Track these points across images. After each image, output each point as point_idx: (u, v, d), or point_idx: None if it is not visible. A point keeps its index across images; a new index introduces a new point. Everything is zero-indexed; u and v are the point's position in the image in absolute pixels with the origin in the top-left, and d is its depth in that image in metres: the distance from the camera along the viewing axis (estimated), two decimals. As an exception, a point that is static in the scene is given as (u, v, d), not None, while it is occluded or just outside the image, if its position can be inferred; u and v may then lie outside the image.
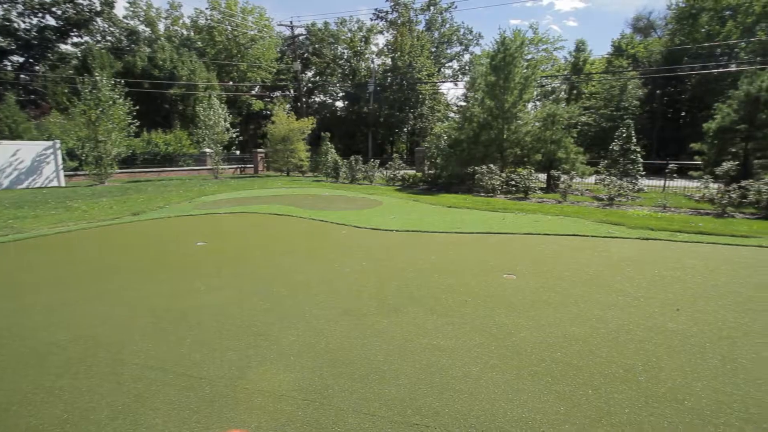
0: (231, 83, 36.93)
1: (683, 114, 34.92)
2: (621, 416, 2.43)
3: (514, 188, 13.77)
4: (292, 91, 39.48)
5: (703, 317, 3.84)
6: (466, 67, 39.55)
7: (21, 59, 36.14)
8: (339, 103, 42.36)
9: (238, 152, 32.77)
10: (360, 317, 3.85)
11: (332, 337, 3.46)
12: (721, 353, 3.17)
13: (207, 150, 24.23)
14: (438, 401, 2.58)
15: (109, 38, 38.58)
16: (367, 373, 2.90)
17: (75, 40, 37.94)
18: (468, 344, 3.32)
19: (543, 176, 15.47)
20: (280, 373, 2.92)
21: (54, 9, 35.28)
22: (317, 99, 42.69)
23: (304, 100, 36.65)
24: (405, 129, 39.96)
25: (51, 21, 36.04)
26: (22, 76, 35.42)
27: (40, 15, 35.34)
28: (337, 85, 39.89)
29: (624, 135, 14.69)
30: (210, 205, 11.59)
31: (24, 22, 34.68)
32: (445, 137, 16.09)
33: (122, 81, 19.90)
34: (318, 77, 40.03)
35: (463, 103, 17.40)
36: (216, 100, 23.59)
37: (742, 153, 13.43)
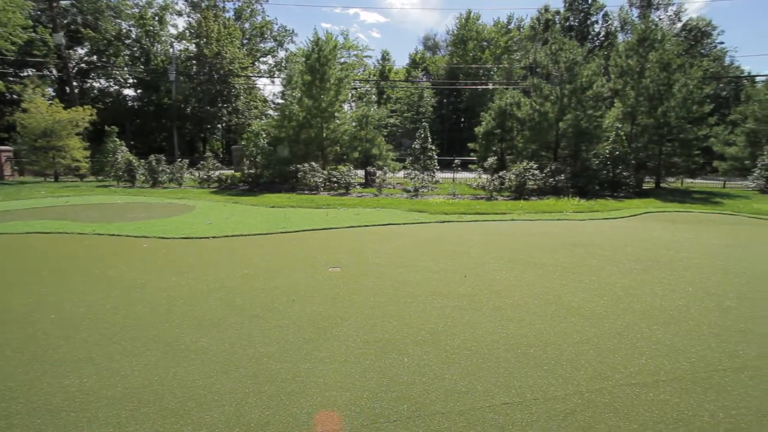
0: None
1: (463, 120, 43.69)
2: (430, 374, 2.84)
3: (336, 184, 14.44)
4: (54, 71, 30.34)
5: (482, 279, 4.89)
6: (282, 64, 38.91)
7: None
8: (129, 92, 34.97)
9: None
10: (172, 342, 3.31)
11: (134, 374, 2.85)
12: (491, 305, 4.09)
13: None
14: (268, 410, 2.46)
15: None
16: (182, 403, 2.51)
17: None
18: (297, 343, 3.28)
19: (361, 172, 16.76)
20: (52, 438, 2.22)
21: None
22: (96, 84, 34.13)
23: (75, 84, 28.58)
24: (219, 125, 36.53)
25: None
26: None
27: None
28: (125, 69, 32.88)
29: (423, 136, 17.29)
30: None
31: None
32: (264, 135, 15.51)
33: None
34: (96, 57, 32.02)
35: (282, 101, 17.10)
36: None
37: (500, 151, 17.76)
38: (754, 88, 21.24)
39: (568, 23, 40.70)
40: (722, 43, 37.74)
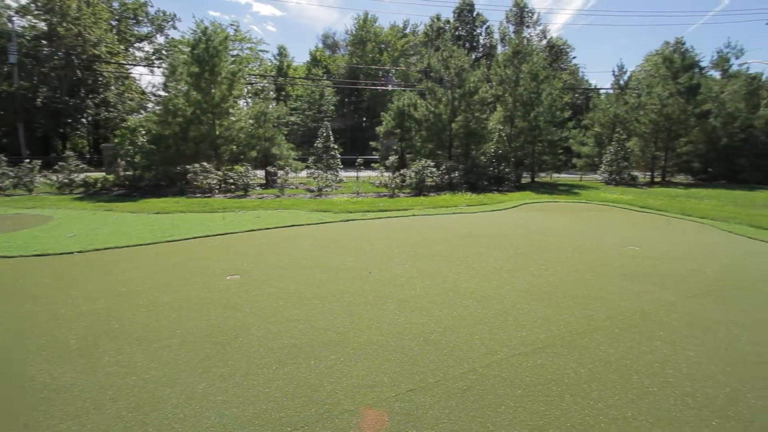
0: None
1: (365, 119, 44.50)
2: (337, 374, 2.82)
3: (233, 186, 13.46)
4: None
5: (386, 274, 5.03)
6: (163, 52, 34.62)
7: None
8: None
9: None
10: (24, 383, 2.70)
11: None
12: (396, 298, 4.24)
13: None
14: (154, 443, 2.17)
15: None
16: (37, 456, 2.07)
17: None
18: (190, 363, 2.96)
19: (261, 173, 15.93)
20: None
21: None
22: None
23: None
24: (84, 119, 31.02)
25: None
26: None
27: None
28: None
29: (324, 135, 17.13)
30: None
31: None
32: (144, 131, 13.67)
33: None
34: None
35: (165, 93, 15.29)
36: None
37: (400, 150, 18.54)
38: (599, 98, 25.86)
39: (457, 32, 44.33)
40: (575, 57, 45.16)
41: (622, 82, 24.27)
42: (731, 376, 2.86)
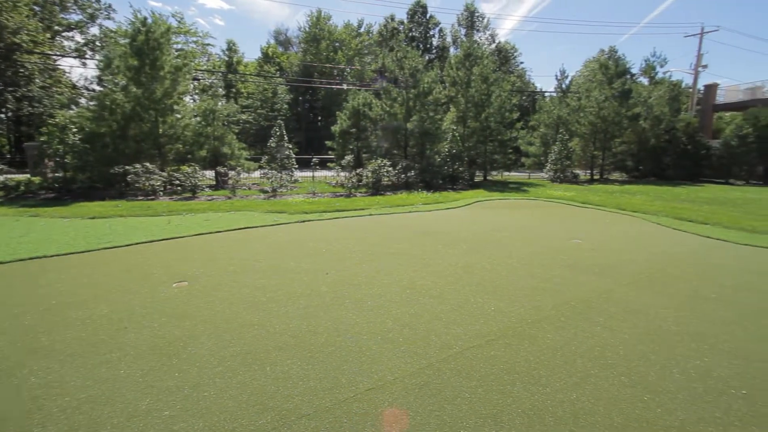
0: None
1: (320, 118, 43.87)
2: (294, 378, 2.75)
3: (179, 188, 12.73)
4: None
5: (344, 274, 4.99)
6: (97, 43, 31.85)
7: None
8: None
9: None
10: (-77, 413, 2.37)
11: None
12: (353, 298, 4.22)
13: None
14: (90, 468, 1.99)
15: None
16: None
17: None
18: (132, 378, 2.75)
19: (211, 173, 15.20)
20: None
21: None
22: None
23: None
24: (4, 116, 27.87)
25: None
26: None
27: None
28: None
29: (278, 134, 16.67)
30: None
31: None
32: (76, 129, 12.53)
33: None
34: None
35: (99, 88, 14.11)
36: None
37: (356, 149, 18.46)
38: (544, 101, 27.40)
39: (411, 34, 44.97)
40: (522, 62, 47.53)
41: (564, 85, 25.86)
42: (660, 355, 3.14)
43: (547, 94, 30.84)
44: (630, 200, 12.95)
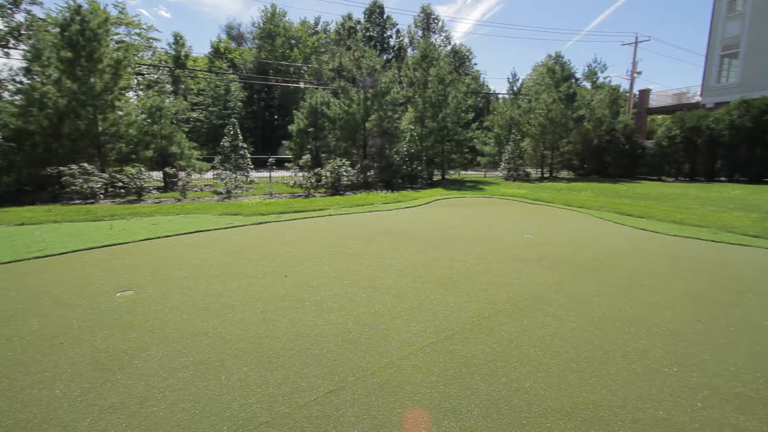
0: None
1: (277, 117, 42.76)
2: (252, 386, 2.65)
3: (123, 190, 11.88)
4: None
5: (303, 276, 4.90)
6: (22, 31, 28.90)
7: None
8: None
9: None
10: None
11: None
12: (312, 300, 4.15)
13: None
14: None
15: None
16: None
17: None
18: (70, 397, 2.53)
19: (159, 174, 14.34)
20: None
21: None
22: None
23: None
24: None
25: None
26: None
27: None
28: None
29: (232, 133, 16.05)
30: None
31: None
32: (-1, 126, 11.33)
33: None
34: None
35: (27, 81, 12.84)
36: None
37: (314, 149, 18.20)
38: (497, 102, 28.49)
39: (368, 33, 44.98)
40: (477, 64, 49.12)
41: (515, 88, 27.03)
42: (604, 340, 3.37)
43: (500, 96, 32.13)
44: (576, 197, 13.79)
